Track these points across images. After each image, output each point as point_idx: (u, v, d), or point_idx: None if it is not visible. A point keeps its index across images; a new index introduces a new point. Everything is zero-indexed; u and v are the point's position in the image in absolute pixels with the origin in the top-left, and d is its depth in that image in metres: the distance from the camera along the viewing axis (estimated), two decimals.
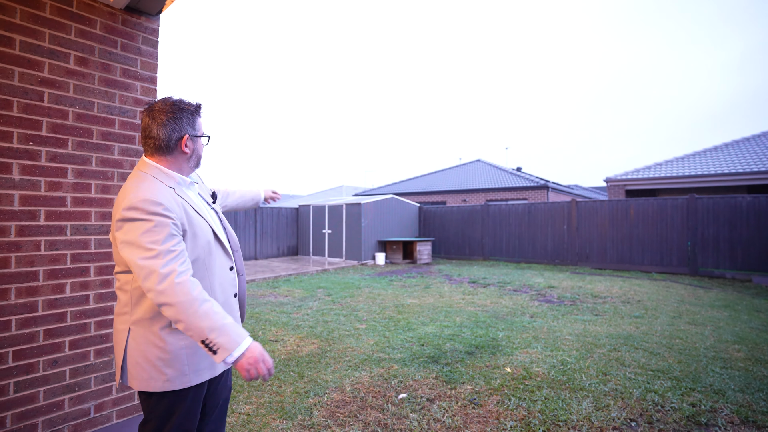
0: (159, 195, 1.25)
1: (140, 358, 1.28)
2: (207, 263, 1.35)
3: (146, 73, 2.44)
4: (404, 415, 2.59)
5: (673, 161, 14.34)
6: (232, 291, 1.45)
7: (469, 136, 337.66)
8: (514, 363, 3.50)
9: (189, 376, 1.31)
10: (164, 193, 1.28)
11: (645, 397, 2.80)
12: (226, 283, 1.42)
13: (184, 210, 1.31)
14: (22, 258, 1.96)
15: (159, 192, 1.27)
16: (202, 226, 1.35)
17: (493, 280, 8.63)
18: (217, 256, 1.39)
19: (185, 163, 1.40)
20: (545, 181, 16.81)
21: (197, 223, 1.34)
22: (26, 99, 1.98)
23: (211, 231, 1.39)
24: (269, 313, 5.49)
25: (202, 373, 1.34)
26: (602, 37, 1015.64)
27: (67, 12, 2.11)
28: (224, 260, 1.42)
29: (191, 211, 1.34)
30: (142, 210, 1.21)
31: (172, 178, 1.36)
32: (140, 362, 1.28)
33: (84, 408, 2.14)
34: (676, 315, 5.43)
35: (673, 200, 9.90)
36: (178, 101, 1.38)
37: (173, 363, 1.29)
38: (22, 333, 1.95)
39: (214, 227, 1.41)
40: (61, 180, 2.09)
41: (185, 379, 1.31)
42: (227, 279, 1.42)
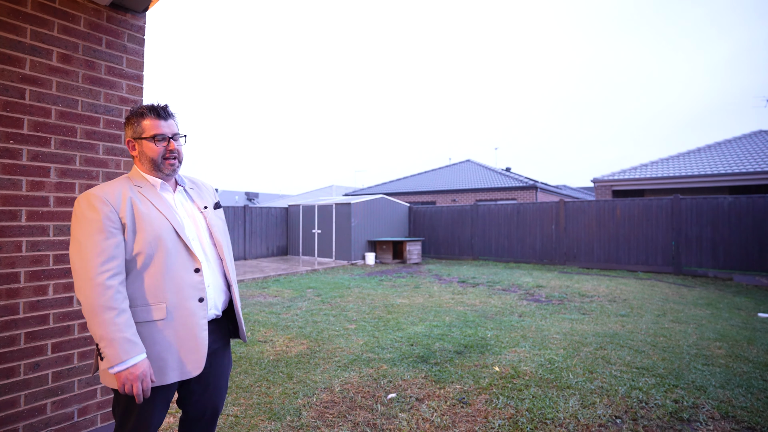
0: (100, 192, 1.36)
1: None
2: (159, 260, 1.37)
3: (132, 71, 2.40)
4: (393, 415, 2.59)
5: (659, 162, 14.61)
6: (194, 294, 1.40)
7: (459, 137, 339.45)
8: (502, 362, 3.53)
9: (156, 374, 1.35)
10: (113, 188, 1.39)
11: (630, 395, 2.85)
12: (184, 285, 1.39)
13: (128, 206, 1.36)
14: (2, 259, 1.91)
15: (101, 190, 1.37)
16: (153, 221, 1.38)
17: (483, 280, 8.69)
18: (174, 256, 1.39)
19: (140, 164, 1.49)
20: (534, 182, 16.98)
21: (146, 220, 1.37)
22: (6, 96, 1.93)
23: (172, 231, 1.40)
24: (258, 314, 5.45)
25: (162, 376, 1.36)
26: (590, 38, 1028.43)
27: (49, 8, 2.07)
28: (185, 261, 1.41)
29: (139, 209, 1.38)
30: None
31: (128, 181, 1.45)
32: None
33: (67, 412, 2.10)
34: (661, 313, 5.54)
35: (658, 200, 10.08)
36: (132, 110, 1.49)
37: None
38: (2, 336, 1.90)
39: (177, 228, 1.41)
40: (43, 179, 2.05)
41: (156, 376, 1.35)
42: (186, 281, 1.40)
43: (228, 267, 1.56)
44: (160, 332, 1.36)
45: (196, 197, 1.58)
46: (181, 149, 1.51)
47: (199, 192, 1.61)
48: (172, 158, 1.47)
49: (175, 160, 1.48)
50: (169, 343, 1.37)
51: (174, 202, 1.50)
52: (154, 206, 1.41)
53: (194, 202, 1.56)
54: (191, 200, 1.56)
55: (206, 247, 1.51)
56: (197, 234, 1.50)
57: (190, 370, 1.39)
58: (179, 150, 1.49)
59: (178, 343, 1.38)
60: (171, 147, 1.46)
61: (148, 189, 1.45)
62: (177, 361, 1.37)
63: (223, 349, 1.59)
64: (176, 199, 1.53)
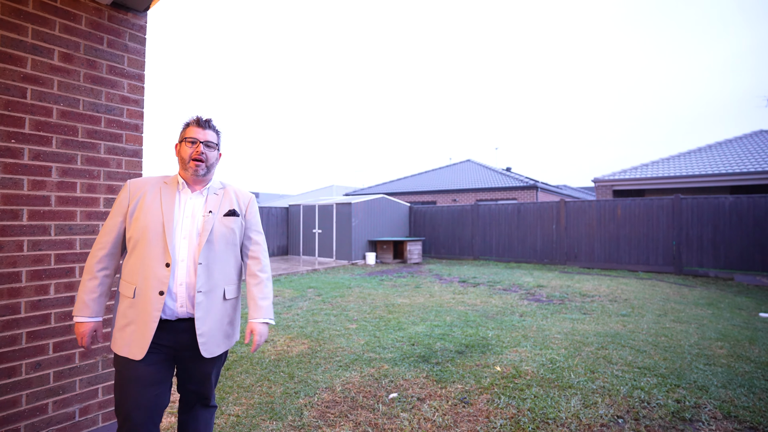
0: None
1: None
2: (140, 248, 1.53)
3: (133, 71, 2.40)
4: (395, 415, 2.59)
5: (660, 162, 14.59)
6: (157, 286, 1.49)
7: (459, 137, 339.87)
8: (503, 362, 3.52)
9: (116, 343, 1.52)
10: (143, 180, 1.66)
11: (632, 394, 2.84)
12: (151, 275, 1.49)
13: (141, 195, 1.59)
14: (4, 259, 1.91)
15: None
16: (150, 211, 1.55)
17: (483, 280, 8.69)
18: (152, 247, 1.51)
19: (179, 165, 1.66)
20: (534, 182, 16.97)
21: (144, 210, 1.55)
22: (8, 96, 1.93)
23: (160, 225, 1.53)
24: None
25: (121, 348, 1.50)
26: (591, 37, 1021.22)
27: (50, 7, 2.06)
28: (159, 254, 1.51)
29: (145, 200, 1.57)
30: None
31: (164, 178, 1.67)
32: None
33: (68, 411, 2.10)
34: (662, 313, 5.53)
35: (659, 200, 10.07)
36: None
37: (113, 326, 1.58)
38: (4, 335, 1.90)
39: (166, 223, 1.53)
40: (45, 179, 2.05)
41: (113, 343, 1.54)
42: (154, 271, 1.50)
43: (202, 273, 1.54)
44: (129, 309, 1.52)
45: (212, 202, 1.64)
46: (211, 155, 1.63)
47: (220, 199, 1.67)
48: (199, 160, 1.59)
49: (201, 163, 1.59)
50: (130, 320, 1.51)
51: (182, 202, 1.60)
52: (160, 201, 1.57)
53: (206, 205, 1.63)
54: (204, 203, 1.64)
55: (192, 248, 1.56)
56: (190, 233, 1.57)
57: (132, 353, 1.48)
58: (207, 155, 1.61)
59: (134, 325, 1.50)
60: (198, 149, 1.58)
61: (169, 187, 1.62)
62: (130, 340, 1.49)
63: (198, 353, 1.57)
64: (191, 198, 1.62)
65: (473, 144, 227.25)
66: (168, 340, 1.54)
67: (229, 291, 1.64)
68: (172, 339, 1.54)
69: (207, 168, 1.62)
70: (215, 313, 1.58)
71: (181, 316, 1.54)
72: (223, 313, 1.61)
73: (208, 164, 1.61)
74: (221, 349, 1.61)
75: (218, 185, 1.71)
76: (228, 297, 1.63)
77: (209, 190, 1.66)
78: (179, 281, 1.52)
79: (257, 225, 1.77)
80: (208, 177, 1.66)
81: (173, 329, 1.54)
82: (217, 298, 1.59)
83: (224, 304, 1.62)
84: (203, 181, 1.65)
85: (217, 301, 1.59)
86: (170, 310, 1.52)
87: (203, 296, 1.54)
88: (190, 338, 1.56)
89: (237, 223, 1.66)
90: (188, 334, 1.56)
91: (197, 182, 1.64)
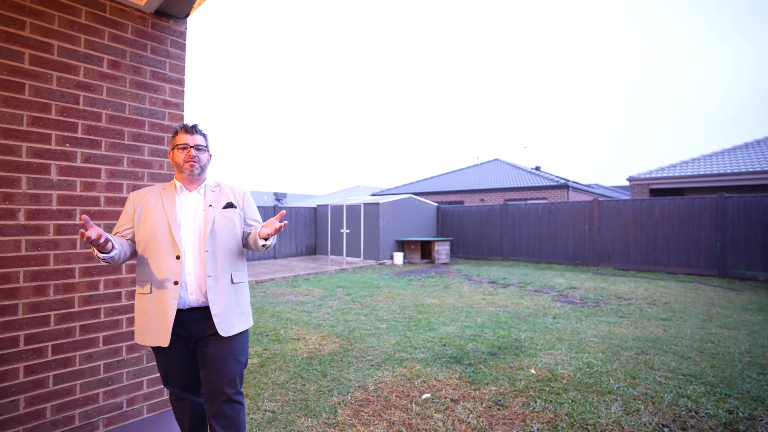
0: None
1: None
2: (151, 246, 1.67)
3: (174, 75, 2.49)
4: (428, 416, 2.57)
5: (701, 159, 13.87)
6: (171, 278, 1.64)
7: (486, 136, 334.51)
8: (538, 364, 3.44)
9: (139, 335, 1.68)
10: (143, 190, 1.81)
11: (677, 403, 2.71)
12: (163, 268, 1.64)
13: (144, 202, 1.74)
14: (60, 256, 2.03)
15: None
16: (154, 214, 1.69)
17: (513, 281, 8.51)
18: (162, 243, 1.66)
19: (175, 170, 1.82)
20: (565, 180, 16.49)
21: (149, 213, 1.70)
22: (63, 102, 2.04)
23: (166, 223, 1.67)
24: (290, 312, 5.55)
25: (150, 339, 1.64)
26: (624, 31, 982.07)
27: (100, 17, 2.17)
28: (169, 249, 1.66)
29: (148, 205, 1.72)
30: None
31: (162, 185, 1.81)
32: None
33: (117, 402, 2.20)
34: (707, 318, 5.25)
35: (701, 199, 9.57)
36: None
37: (135, 323, 1.71)
38: (60, 328, 2.01)
39: (171, 221, 1.67)
40: (95, 180, 2.15)
41: (138, 337, 1.69)
42: (166, 265, 1.64)
43: (210, 259, 1.67)
44: (148, 304, 1.66)
45: (210, 197, 1.79)
46: (202, 157, 1.77)
47: (217, 194, 1.81)
48: (192, 161, 1.73)
49: (195, 163, 1.73)
50: (152, 314, 1.65)
51: (183, 201, 1.75)
52: (163, 204, 1.72)
53: (204, 200, 1.77)
54: (203, 199, 1.78)
55: (197, 239, 1.70)
56: (194, 227, 1.71)
57: (160, 341, 1.63)
58: (199, 156, 1.75)
59: (156, 317, 1.64)
60: (190, 153, 1.73)
61: (169, 191, 1.77)
62: (155, 331, 1.64)
63: (217, 337, 1.70)
64: (189, 197, 1.76)
65: (501, 143, 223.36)
66: (184, 331, 1.68)
67: (236, 276, 1.76)
68: (187, 328, 1.68)
69: (201, 168, 1.77)
70: (226, 295, 1.70)
71: (192, 305, 1.67)
72: (233, 295, 1.73)
73: (201, 164, 1.76)
74: (236, 328, 1.72)
75: (213, 183, 1.85)
76: (235, 281, 1.75)
77: (206, 188, 1.81)
78: (188, 270, 1.67)
79: (255, 214, 1.90)
80: (202, 176, 1.81)
81: (187, 319, 1.67)
82: (226, 281, 1.71)
83: (233, 287, 1.74)
84: (199, 180, 1.80)
85: (226, 284, 1.71)
86: (182, 299, 1.65)
87: (213, 280, 1.68)
88: (203, 327, 1.69)
89: (235, 214, 1.80)
90: (201, 323, 1.69)
91: (193, 182, 1.78)
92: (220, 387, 1.71)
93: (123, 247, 1.64)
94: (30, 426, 1.92)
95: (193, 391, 1.82)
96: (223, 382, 1.71)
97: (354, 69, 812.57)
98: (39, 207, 1.97)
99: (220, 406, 1.72)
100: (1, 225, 1.86)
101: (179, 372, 1.75)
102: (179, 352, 1.72)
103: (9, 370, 1.87)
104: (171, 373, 1.76)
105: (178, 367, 1.74)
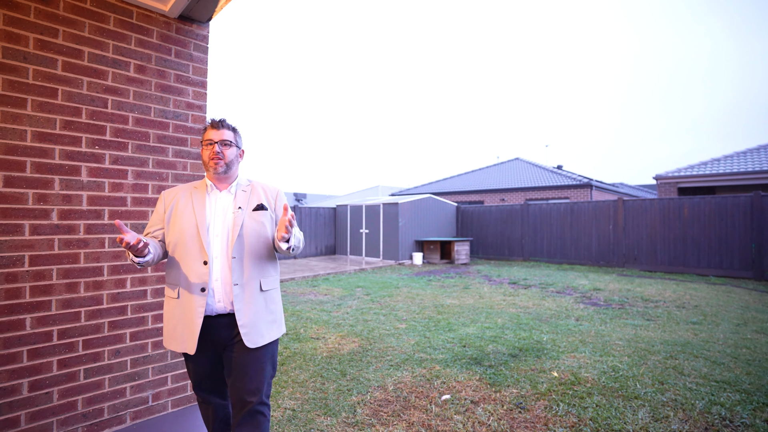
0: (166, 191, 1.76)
1: None
2: (179, 249, 1.61)
3: (197, 78, 2.54)
4: (448, 417, 2.55)
5: (734, 156, 13.30)
6: (198, 284, 1.57)
7: (507, 135, 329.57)
8: (561, 367, 3.36)
9: (167, 340, 1.64)
10: (174, 189, 1.75)
11: (710, 410, 2.60)
12: (191, 273, 1.58)
13: (174, 202, 1.68)
14: (90, 254, 2.10)
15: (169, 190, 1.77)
16: (184, 215, 1.63)
17: (535, 282, 8.36)
18: (190, 247, 1.60)
19: (204, 167, 1.72)
20: (588, 180, 16.09)
21: (178, 215, 1.64)
22: (93, 106, 2.12)
23: (194, 226, 1.61)
24: (310, 311, 5.60)
25: (176, 345, 1.60)
26: (653, 22, 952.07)
27: (127, 23, 2.24)
28: (197, 253, 1.59)
29: (178, 205, 1.67)
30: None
31: (194, 184, 1.74)
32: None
33: (143, 396, 2.26)
34: (741, 322, 5.02)
35: (734, 198, 9.17)
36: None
37: (163, 326, 1.67)
38: (90, 324, 2.09)
39: (200, 224, 1.61)
40: (122, 181, 2.22)
41: (166, 341, 1.64)
42: (193, 271, 1.58)
43: (236, 266, 1.57)
44: (175, 309, 1.61)
45: (241, 198, 1.68)
46: (228, 153, 1.66)
47: (248, 195, 1.70)
48: (216, 158, 1.63)
49: (219, 161, 1.63)
50: (178, 319, 1.60)
51: (213, 202, 1.67)
52: (192, 205, 1.65)
53: (234, 202, 1.67)
54: (233, 200, 1.68)
55: (224, 244, 1.61)
56: (222, 231, 1.62)
57: (186, 347, 1.58)
58: (223, 153, 1.64)
59: (183, 323, 1.59)
60: (214, 149, 1.63)
61: (199, 191, 1.70)
62: (182, 337, 1.59)
63: (241, 347, 1.60)
64: (220, 198, 1.68)
65: (522, 142, 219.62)
66: (211, 337, 1.60)
67: (266, 282, 1.66)
68: (214, 335, 1.60)
69: (226, 165, 1.65)
70: (253, 304, 1.61)
71: (219, 312, 1.59)
72: (261, 304, 1.63)
73: (226, 161, 1.65)
74: (265, 339, 1.62)
75: (245, 182, 1.74)
76: (265, 288, 1.65)
77: (237, 187, 1.70)
78: (215, 277, 1.58)
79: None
80: (230, 174, 1.69)
81: (214, 325, 1.59)
82: (254, 289, 1.62)
83: (262, 295, 1.64)
84: (227, 178, 1.69)
85: (254, 292, 1.61)
86: (209, 306, 1.58)
87: (239, 289, 1.58)
88: (230, 333, 1.61)
89: (266, 216, 1.68)
90: (228, 329, 1.60)
91: (222, 181, 1.68)
92: (244, 396, 1.61)
93: (156, 250, 1.58)
94: (63, 417, 1.99)
95: (220, 395, 1.77)
96: (247, 391, 1.61)
97: (374, 69, 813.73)
98: (71, 207, 2.04)
99: (243, 417, 1.61)
100: (37, 225, 1.95)
101: (207, 378, 1.71)
102: (206, 358, 1.65)
103: (44, 363, 1.95)
104: (199, 379, 1.71)
105: (205, 373, 1.69)
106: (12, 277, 1.88)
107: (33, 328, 1.93)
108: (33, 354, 1.92)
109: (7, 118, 1.87)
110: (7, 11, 1.88)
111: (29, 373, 1.91)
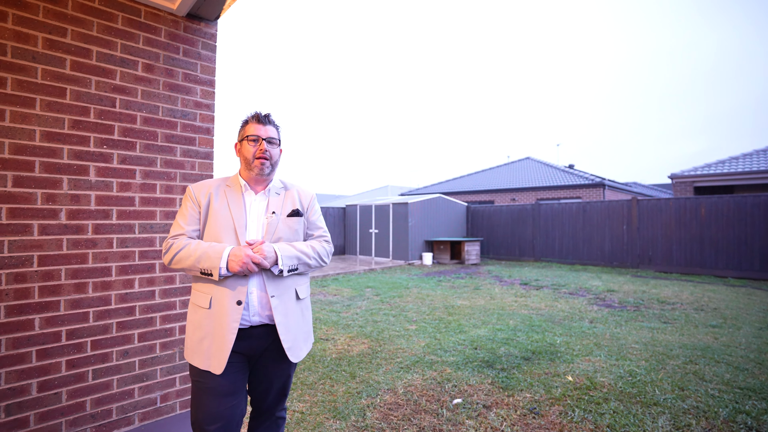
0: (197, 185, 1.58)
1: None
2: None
3: (206, 77, 2.52)
4: (460, 422, 2.49)
5: (753, 154, 12.95)
6: (233, 295, 1.43)
7: (517, 134, 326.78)
8: (575, 371, 3.27)
9: (189, 353, 1.48)
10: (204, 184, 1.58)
11: (734, 419, 2.49)
12: (227, 283, 1.43)
13: (208, 200, 1.53)
14: (98, 254, 2.09)
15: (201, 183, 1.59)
16: (219, 216, 1.50)
17: (547, 282, 8.23)
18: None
19: (241, 165, 1.60)
20: (601, 179, 15.82)
21: (213, 215, 1.50)
22: (101, 105, 2.10)
23: (233, 231, 1.48)
24: (319, 312, 5.57)
25: (200, 361, 1.43)
26: (670, 16, 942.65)
27: (136, 22, 2.22)
28: None
29: (212, 205, 1.52)
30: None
31: (225, 180, 1.60)
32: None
33: (151, 397, 2.24)
34: (764, 326, 4.86)
35: (755, 197, 8.92)
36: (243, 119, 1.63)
37: (186, 336, 1.51)
38: (98, 324, 2.08)
39: (238, 228, 1.48)
40: (130, 181, 2.21)
41: (188, 354, 1.48)
42: (229, 281, 1.43)
43: (272, 276, 1.48)
44: (204, 320, 1.45)
45: (274, 203, 1.57)
46: (274, 153, 1.56)
47: (282, 199, 1.60)
48: (263, 158, 1.51)
49: (265, 161, 1.52)
50: (207, 332, 1.44)
51: (249, 204, 1.54)
52: (228, 205, 1.52)
53: (268, 206, 1.56)
54: (267, 205, 1.57)
55: None
56: (256, 237, 1.51)
57: (211, 365, 1.41)
58: (271, 152, 1.53)
59: (212, 337, 1.43)
60: (261, 147, 1.51)
61: (234, 189, 1.56)
62: (208, 353, 1.42)
63: (274, 357, 1.53)
64: (255, 200, 1.56)
65: (533, 141, 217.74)
66: (242, 348, 1.47)
67: (301, 290, 1.59)
68: (246, 346, 1.48)
69: (272, 166, 1.55)
70: (293, 315, 1.53)
71: (254, 324, 1.48)
72: (299, 314, 1.56)
73: (272, 162, 1.54)
74: (303, 352, 1.56)
75: (279, 185, 1.64)
76: (301, 296, 1.58)
77: (271, 191, 1.59)
78: (251, 289, 1.46)
79: (319, 221, 1.70)
80: (271, 176, 1.59)
81: (248, 336, 1.47)
82: (291, 299, 1.53)
83: (298, 304, 1.56)
84: (266, 180, 1.58)
85: (292, 302, 1.53)
86: (244, 319, 1.45)
87: (277, 300, 1.48)
88: (265, 343, 1.51)
89: (300, 223, 1.61)
90: (263, 339, 1.50)
91: (260, 182, 1.57)
92: (270, 406, 1.60)
93: None
94: (72, 418, 1.98)
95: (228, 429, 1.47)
96: (277, 400, 1.60)
97: (385, 69, 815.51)
98: (79, 207, 2.03)
99: (267, 423, 1.62)
100: (45, 225, 1.94)
101: (224, 401, 1.44)
102: (232, 375, 1.45)
103: (53, 363, 1.94)
104: (213, 404, 1.43)
105: (224, 394, 1.44)
106: (21, 277, 1.87)
107: (42, 328, 1.92)
108: (42, 354, 1.92)
109: (16, 118, 1.87)
110: (16, 11, 1.88)
111: (38, 373, 1.90)
